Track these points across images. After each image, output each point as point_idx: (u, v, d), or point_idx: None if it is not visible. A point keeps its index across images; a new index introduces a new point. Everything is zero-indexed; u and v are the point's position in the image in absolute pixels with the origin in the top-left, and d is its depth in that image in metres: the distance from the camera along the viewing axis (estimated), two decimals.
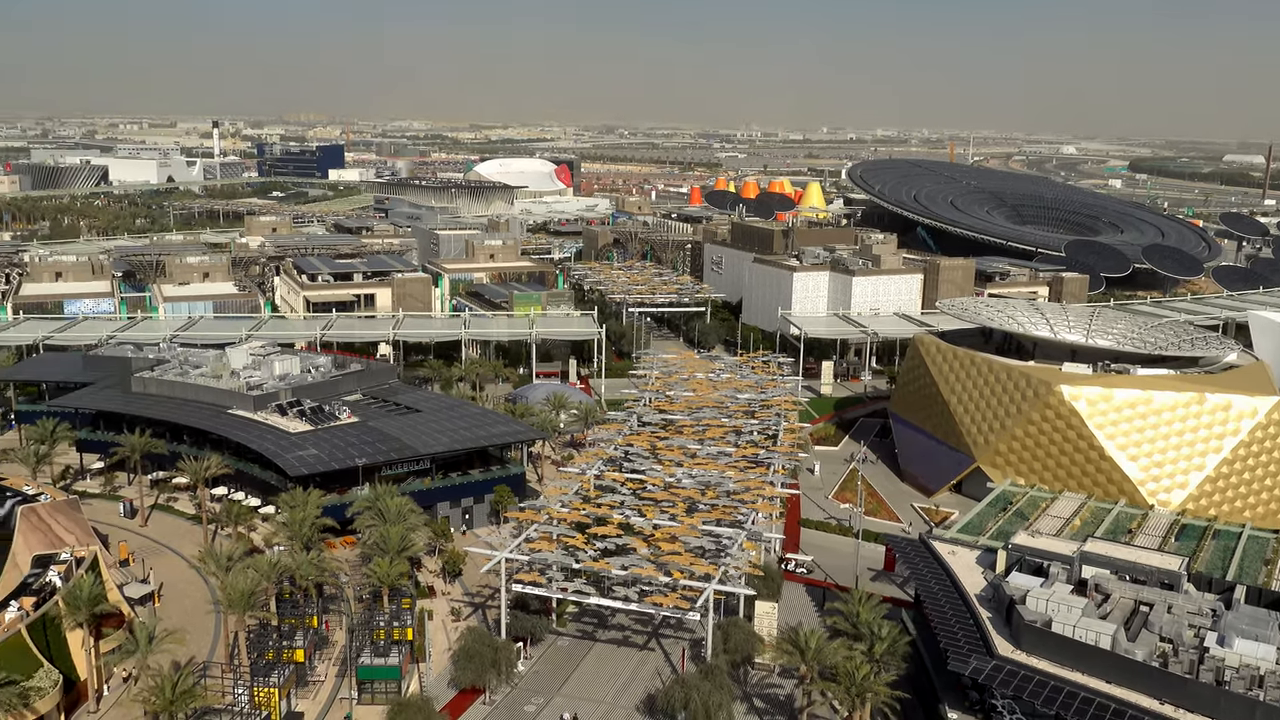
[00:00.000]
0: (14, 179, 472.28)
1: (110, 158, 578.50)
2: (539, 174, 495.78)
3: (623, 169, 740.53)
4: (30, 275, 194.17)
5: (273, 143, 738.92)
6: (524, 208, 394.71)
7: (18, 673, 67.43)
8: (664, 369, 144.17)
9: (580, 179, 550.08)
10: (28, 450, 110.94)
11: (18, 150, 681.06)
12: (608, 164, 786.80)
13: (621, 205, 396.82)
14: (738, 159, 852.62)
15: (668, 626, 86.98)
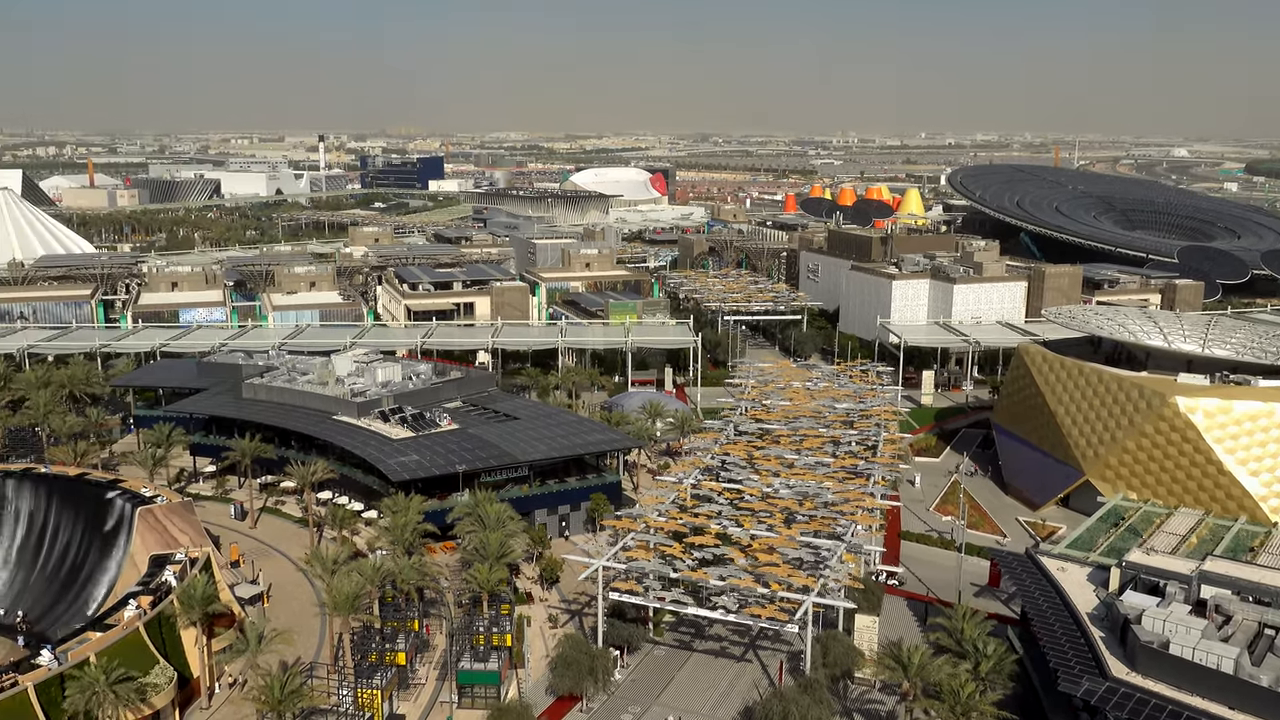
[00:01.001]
0: (133, 193, 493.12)
1: (222, 172, 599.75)
2: (634, 183, 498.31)
3: (717, 177, 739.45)
4: (148, 285, 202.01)
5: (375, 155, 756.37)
6: (619, 216, 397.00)
7: (135, 669, 69.79)
8: (760, 378, 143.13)
9: (675, 187, 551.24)
10: (145, 453, 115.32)
11: (137, 166, 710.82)
12: (702, 172, 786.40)
13: (716, 213, 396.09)
14: (833, 165, 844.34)
15: (765, 638, 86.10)
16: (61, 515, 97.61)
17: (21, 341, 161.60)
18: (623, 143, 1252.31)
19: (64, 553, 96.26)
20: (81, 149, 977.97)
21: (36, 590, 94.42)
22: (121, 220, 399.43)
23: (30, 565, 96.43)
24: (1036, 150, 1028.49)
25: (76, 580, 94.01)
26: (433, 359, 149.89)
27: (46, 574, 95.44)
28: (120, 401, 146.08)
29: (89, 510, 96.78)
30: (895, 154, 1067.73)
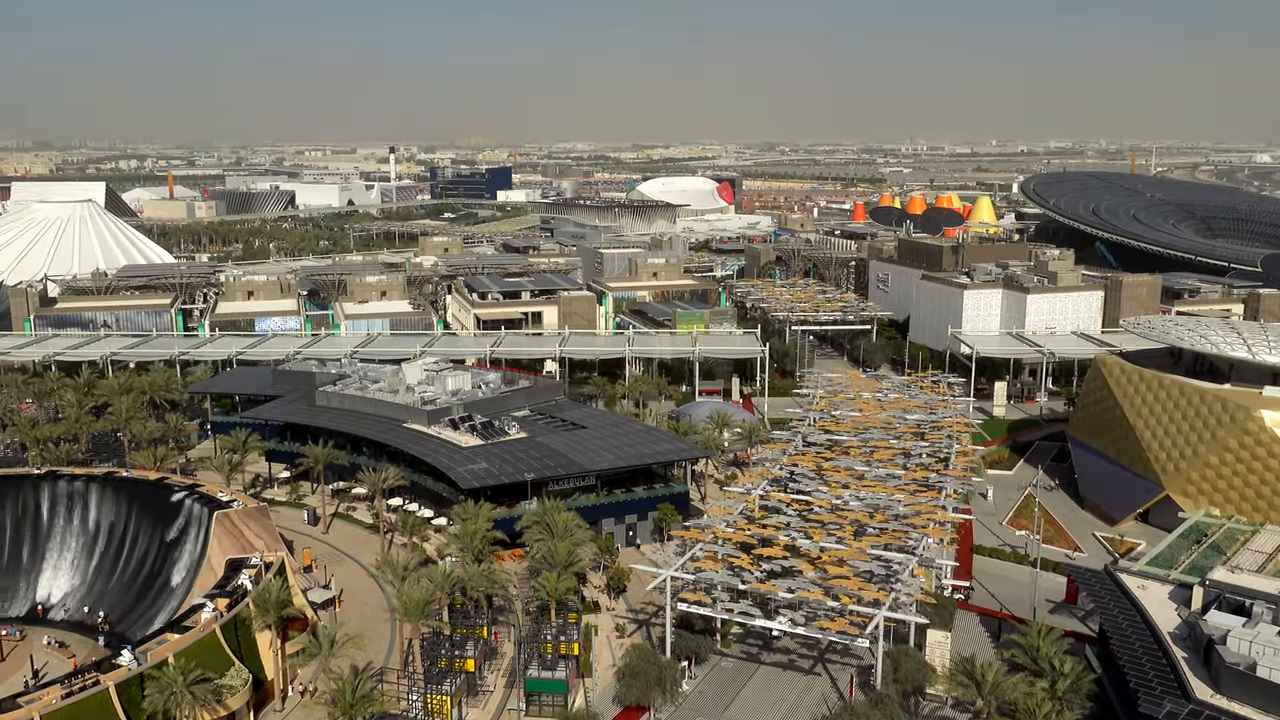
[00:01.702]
0: (211, 204, 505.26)
1: (296, 183, 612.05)
2: (701, 192, 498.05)
3: (784, 186, 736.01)
4: (225, 294, 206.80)
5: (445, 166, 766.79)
6: (686, 226, 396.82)
7: (212, 670, 71.20)
8: (829, 388, 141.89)
9: (742, 196, 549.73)
10: (222, 459, 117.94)
11: (214, 178, 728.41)
12: (769, 181, 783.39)
13: (784, 222, 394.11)
14: (902, 174, 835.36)
15: (834, 652, 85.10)
16: (141, 519, 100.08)
17: (105, 349, 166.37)
18: (689, 152, 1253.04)
19: (143, 555, 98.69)
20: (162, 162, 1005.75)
21: (116, 592, 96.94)
22: (200, 231, 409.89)
23: (111, 567, 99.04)
24: (1112, 157, 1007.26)
25: (155, 582, 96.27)
26: (501, 368, 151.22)
27: (126, 576, 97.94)
28: (198, 408, 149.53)
29: (167, 514, 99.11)
30: (965, 161, 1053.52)
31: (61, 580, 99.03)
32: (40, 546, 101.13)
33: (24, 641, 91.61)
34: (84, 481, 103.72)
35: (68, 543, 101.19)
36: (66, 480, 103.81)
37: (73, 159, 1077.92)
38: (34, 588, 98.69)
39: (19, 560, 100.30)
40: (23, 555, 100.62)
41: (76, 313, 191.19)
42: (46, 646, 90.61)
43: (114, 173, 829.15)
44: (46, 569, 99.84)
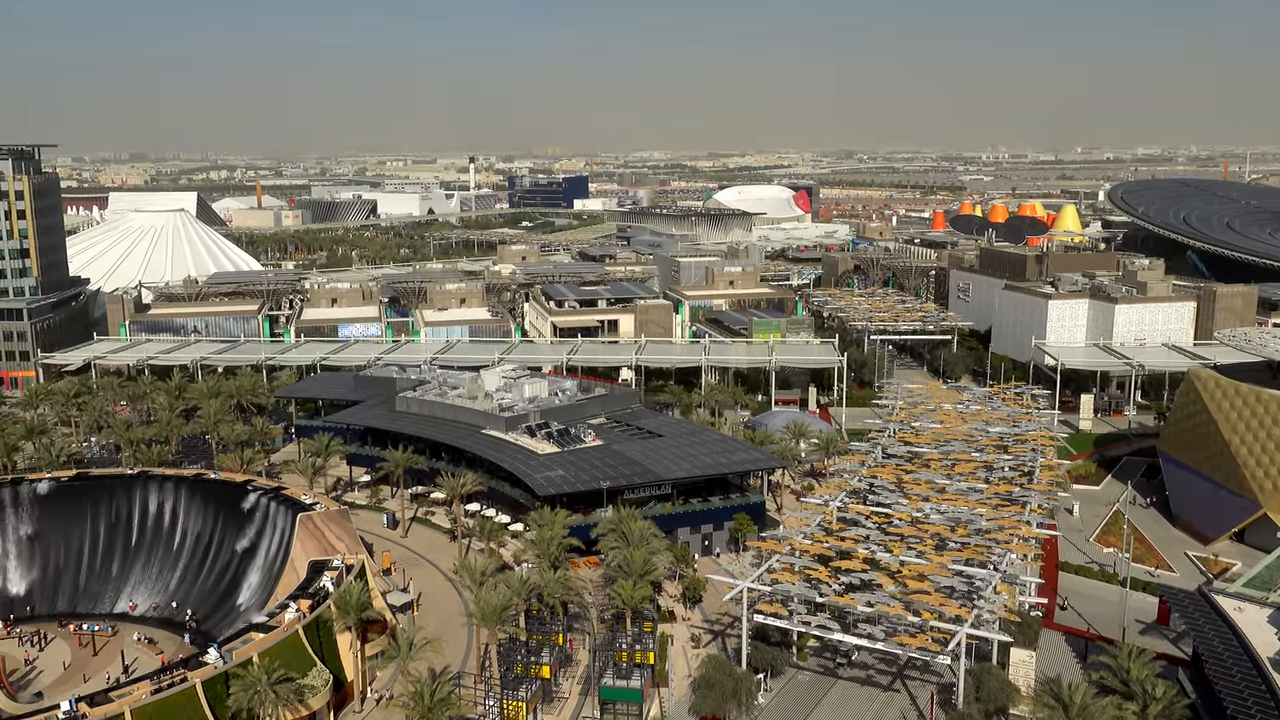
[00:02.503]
0: (297, 213, 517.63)
1: (378, 193, 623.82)
2: (777, 200, 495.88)
3: (862, 194, 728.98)
4: (310, 301, 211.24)
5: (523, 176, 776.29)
6: (762, 234, 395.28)
7: (294, 670, 72.42)
8: (908, 399, 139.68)
9: (819, 205, 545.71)
10: (305, 462, 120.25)
11: (300, 187, 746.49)
12: (846, 189, 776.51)
13: (861, 231, 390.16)
14: (983, 181, 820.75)
15: (914, 668, 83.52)
16: (227, 520, 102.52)
17: (195, 354, 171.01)
18: (765, 160, 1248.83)
19: (229, 555, 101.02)
20: (250, 172, 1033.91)
21: (203, 590, 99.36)
22: (285, 239, 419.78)
23: (198, 566, 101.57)
24: (1203, 164, 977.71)
25: (240, 582, 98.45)
26: (577, 375, 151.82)
27: (213, 575, 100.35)
28: (283, 412, 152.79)
29: (252, 516, 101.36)
30: (1049, 169, 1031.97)
31: (151, 579, 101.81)
32: (134, 546, 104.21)
33: (115, 637, 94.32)
34: (174, 483, 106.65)
35: (158, 543, 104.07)
36: (158, 481, 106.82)
37: (166, 170, 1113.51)
38: (126, 586, 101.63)
39: (111, 559, 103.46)
40: (114, 555, 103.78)
41: (169, 318, 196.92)
42: (136, 642, 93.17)
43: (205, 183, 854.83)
44: (138, 568, 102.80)
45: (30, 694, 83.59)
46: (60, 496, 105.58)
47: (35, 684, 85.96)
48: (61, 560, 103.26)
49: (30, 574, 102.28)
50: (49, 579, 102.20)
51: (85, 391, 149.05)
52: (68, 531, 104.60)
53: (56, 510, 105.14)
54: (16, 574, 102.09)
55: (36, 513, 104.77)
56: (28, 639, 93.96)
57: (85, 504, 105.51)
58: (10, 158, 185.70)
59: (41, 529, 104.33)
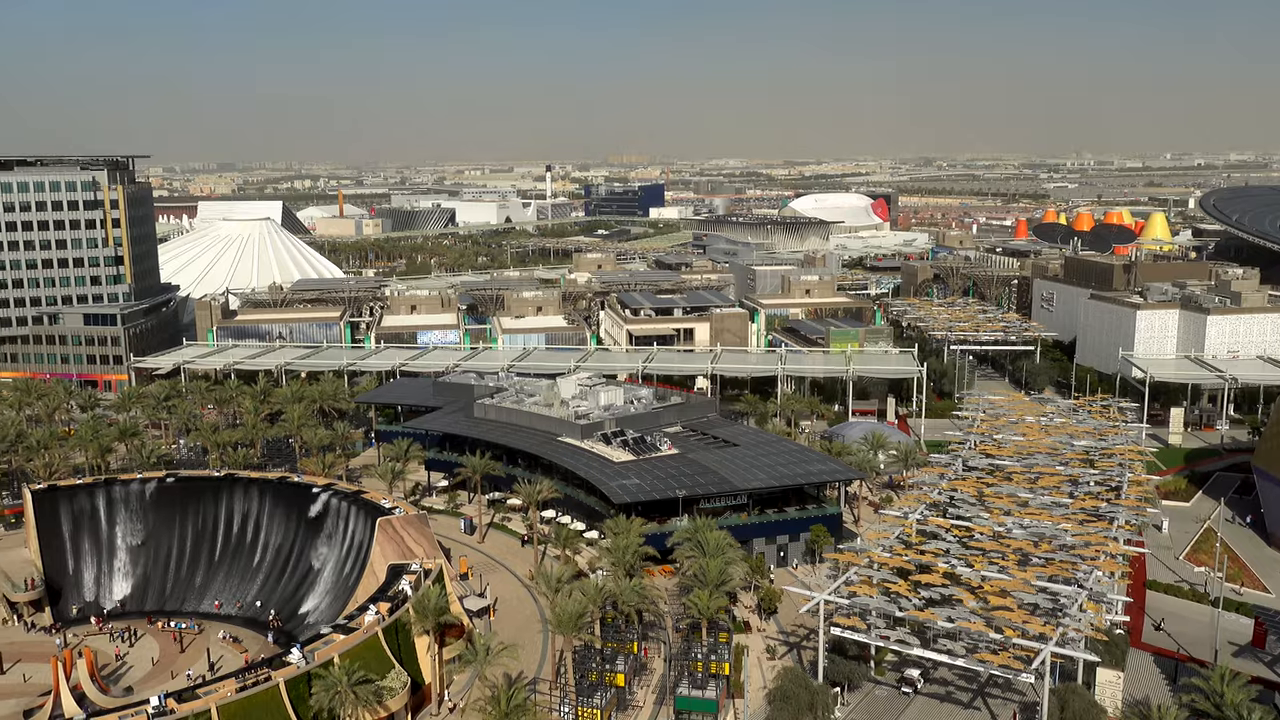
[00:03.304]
0: (377, 222, 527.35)
1: (457, 201, 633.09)
2: (855, 209, 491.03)
3: (942, 202, 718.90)
4: (390, 308, 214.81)
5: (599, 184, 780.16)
6: (839, 243, 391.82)
7: (373, 673, 73.45)
8: (990, 411, 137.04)
9: (897, 213, 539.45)
10: (385, 467, 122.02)
11: (380, 196, 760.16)
12: (925, 197, 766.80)
13: (941, 239, 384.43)
14: (1068, 189, 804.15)
15: (995, 686, 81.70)
16: (310, 523, 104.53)
17: (279, 359, 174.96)
18: (842, 168, 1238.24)
19: (310, 557, 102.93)
20: (333, 182, 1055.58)
21: (286, 591, 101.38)
22: (366, 247, 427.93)
23: (282, 568, 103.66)
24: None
25: (320, 584, 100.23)
26: (653, 383, 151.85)
27: (295, 576, 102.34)
28: (363, 417, 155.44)
29: (333, 519, 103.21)
30: (1136, 176, 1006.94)
31: (236, 579, 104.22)
32: (220, 547, 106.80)
33: (201, 635, 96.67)
34: (259, 485, 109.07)
35: (243, 544, 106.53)
36: (244, 484, 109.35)
37: (253, 179, 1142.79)
38: (212, 585, 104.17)
39: (198, 559, 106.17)
40: (201, 555, 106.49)
41: (254, 324, 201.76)
42: (222, 641, 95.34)
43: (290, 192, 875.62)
44: (224, 568, 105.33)
45: (121, 688, 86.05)
46: (161, 497, 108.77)
47: (126, 679, 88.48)
48: (156, 559, 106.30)
49: (134, 572, 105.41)
50: (145, 577, 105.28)
51: (175, 395, 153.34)
52: (165, 531, 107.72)
53: (157, 511, 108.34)
54: (121, 573, 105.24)
55: (142, 513, 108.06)
56: (119, 635, 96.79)
57: (178, 505, 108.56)
58: (106, 168, 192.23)
59: (146, 529, 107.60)
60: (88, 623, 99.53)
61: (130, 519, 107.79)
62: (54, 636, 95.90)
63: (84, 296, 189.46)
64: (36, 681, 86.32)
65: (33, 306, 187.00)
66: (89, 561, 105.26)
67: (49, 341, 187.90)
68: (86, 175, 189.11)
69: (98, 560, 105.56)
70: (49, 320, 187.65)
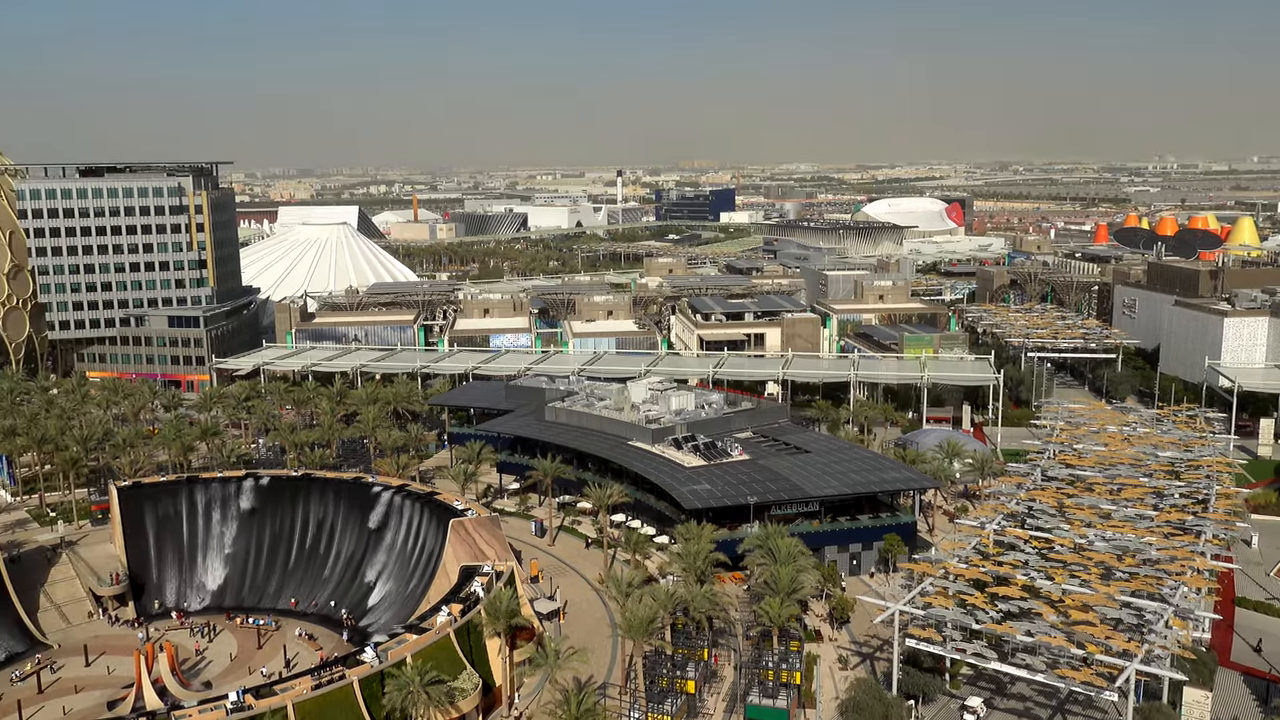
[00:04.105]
0: (451, 226, 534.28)
1: (529, 206, 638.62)
2: (929, 213, 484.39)
3: (1018, 206, 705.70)
4: (463, 311, 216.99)
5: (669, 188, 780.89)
6: (913, 248, 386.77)
7: (445, 673, 73.98)
8: (1070, 419, 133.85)
9: (972, 217, 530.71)
10: (458, 469, 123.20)
11: (454, 201, 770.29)
12: (1001, 202, 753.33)
13: (1018, 244, 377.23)
14: (1149, 193, 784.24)
15: (1075, 703, 79.50)
16: (384, 523, 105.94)
17: (355, 361, 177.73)
18: (916, 172, 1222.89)
19: (385, 558, 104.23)
20: (408, 187, 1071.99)
21: (360, 590, 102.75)
22: (440, 251, 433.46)
23: (356, 567, 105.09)
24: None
25: (395, 584, 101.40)
26: (723, 388, 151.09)
27: (369, 575, 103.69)
28: (436, 419, 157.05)
29: (408, 520, 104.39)
30: (1222, 179, 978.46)
31: (312, 577, 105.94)
32: (296, 545, 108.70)
33: (278, 632, 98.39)
34: (334, 485, 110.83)
35: (319, 543, 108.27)
36: (320, 484, 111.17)
37: (330, 185, 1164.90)
38: (289, 583, 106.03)
39: (275, 557, 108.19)
40: (279, 553, 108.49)
41: (331, 326, 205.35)
42: (297, 638, 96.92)
43: (365, 197, 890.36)
44: (300, 566, 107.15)
45: (200, 682, 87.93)
46: (241, 497, 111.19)
47: (205, 673, 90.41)
48: (235, 557, 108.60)
49: (214, 569, 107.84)
50: (224, 574, 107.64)
51: (254, 395, 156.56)
52: (244, 530, 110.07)
53: (237, 509, 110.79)
54: (202, 569, 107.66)
55: (221, 511, 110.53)
56: (199, 630, 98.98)
57: (257, 504, 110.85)
58: (191, 174, 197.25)
59: (225, 527, 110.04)
60: (169, 617, 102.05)
61: (211, 517, 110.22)
62: (137, 630, 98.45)
63: (169, 299, 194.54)
64: (120, 674, 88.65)
65: (120, 308, 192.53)
66: (171, 557, 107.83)
67: (135, 342, 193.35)
68: (173, 181, 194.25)
69: (179, 556, 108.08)
70: (135, 322, 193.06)
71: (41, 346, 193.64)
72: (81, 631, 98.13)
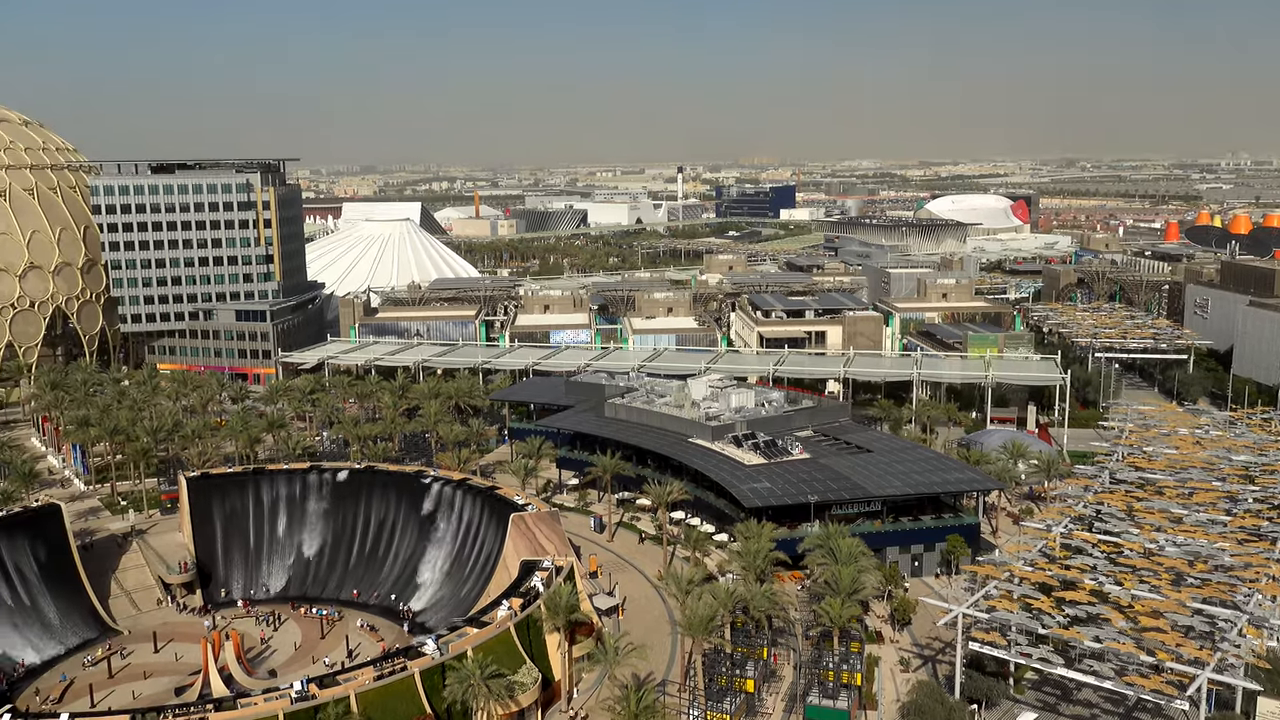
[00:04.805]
0: (511, 223, 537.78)
1: (589, 202, 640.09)
2: (993, 210, 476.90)
3: (1086, 204, 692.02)
4: (524, 307, 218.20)
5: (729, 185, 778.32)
6: (977, 245, 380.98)
7: (505, 667, 74.39)
8: (1139, 421, 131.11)
9: (1038, 215, 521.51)
10: (518, 464, 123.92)
11: (515, 197, 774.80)
12: (1068, 199, 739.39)
13: (1086, 242, 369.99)
14: (1222, 190, 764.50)
15: (1144, 711, 77.67)
16: (444, 517, 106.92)
17: (417, 356, 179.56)
18: (980, 169, 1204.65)
19: (444, 550, 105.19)
20: (469, 183, 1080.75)
21: (419, 582, 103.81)
22: (501, 247, 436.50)
23: (416, 560, 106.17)
24: None
25: (454, 577, 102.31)
26: (783, 386, 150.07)
27: (429, 568, 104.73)
28: (497, 414, 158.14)
29: (467, 514, 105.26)
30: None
31: (375, 569, 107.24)
32: (358, 537, 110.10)
33: (341, 622, 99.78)
34: (396, 479, 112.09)
35: (381, 535, 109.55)
36: (382, 477, 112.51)
37: (393, 181, 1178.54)
38: (352, 574, 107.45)
39: (338, 550, 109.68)
40: (342, 544, 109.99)
41: (394, 321, 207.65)
42: (359, 628, 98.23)
43: (427, 193, 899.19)
44: (363, 558, 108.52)
45: (265, 670, 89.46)
46: (305, 488, 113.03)
47: (269, 661, 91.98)
48: (299, 548, 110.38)
49: (278, 559, 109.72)
50: (288, 564, 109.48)
51: (319, 389, 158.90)
52: (308, 521, 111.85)
53: (301, 500, 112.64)
54: (267, 559, 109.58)
55: (287, 502, 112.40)
56: (264, 619, 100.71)
57: (321, 495, 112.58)
58: (259, 171, 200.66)
59: (290, 518, 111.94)
60: (235, 606, 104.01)
61: (277, 508, 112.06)
62: (203, 618, 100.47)
63: (236, 294, 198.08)
64: (187, 661, 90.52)
65: (190, 302, 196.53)
66: (236, 547, 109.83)
67: (204, 336, 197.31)
68: (241, 178, 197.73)
69: (245, 546, 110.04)
70: (204, 316, 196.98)
71: (114, 339, 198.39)
72: (150, 618, 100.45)
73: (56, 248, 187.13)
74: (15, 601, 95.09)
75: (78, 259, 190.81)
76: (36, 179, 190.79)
